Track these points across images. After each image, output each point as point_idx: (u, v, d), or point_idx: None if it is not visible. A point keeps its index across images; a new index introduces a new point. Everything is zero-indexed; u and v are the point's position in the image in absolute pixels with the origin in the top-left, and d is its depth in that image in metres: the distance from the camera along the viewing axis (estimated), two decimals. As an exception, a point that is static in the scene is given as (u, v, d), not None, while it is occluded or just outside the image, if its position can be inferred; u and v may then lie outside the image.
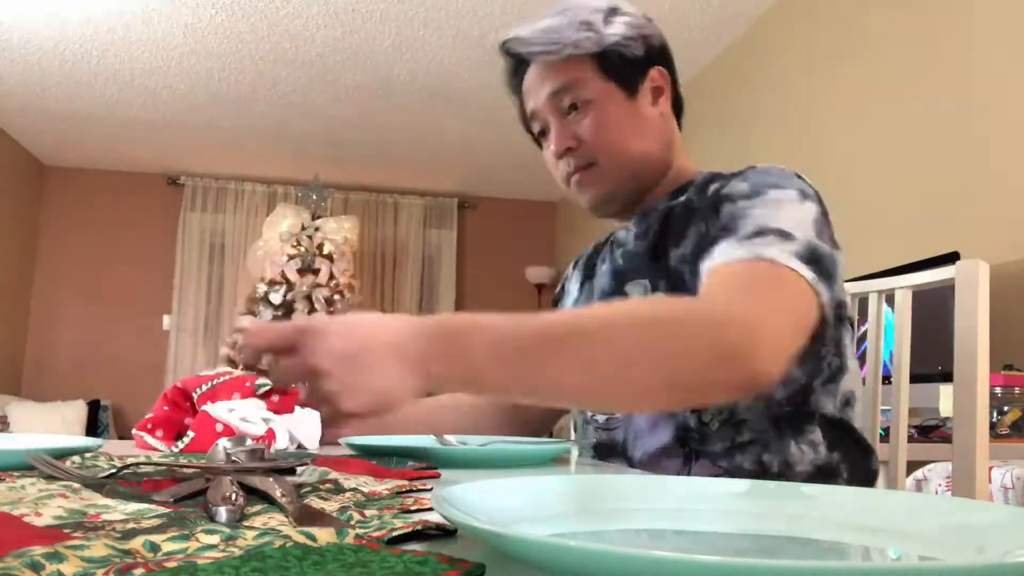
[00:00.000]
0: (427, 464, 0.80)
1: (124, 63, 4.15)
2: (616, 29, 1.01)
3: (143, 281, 5.85)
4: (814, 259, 0.82)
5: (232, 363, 4.83)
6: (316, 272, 5.04)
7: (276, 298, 4.90)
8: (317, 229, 5.22)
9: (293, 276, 4.98)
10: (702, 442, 0.94)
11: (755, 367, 0.70)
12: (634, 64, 1.02)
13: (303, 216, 5.27)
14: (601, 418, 1.03)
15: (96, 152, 5.56)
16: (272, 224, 5.28)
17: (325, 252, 5.13)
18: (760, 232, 0.82)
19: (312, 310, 4.88)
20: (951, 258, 2.00)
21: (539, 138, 1.09)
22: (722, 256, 0.83)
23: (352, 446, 0.95)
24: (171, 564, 0.31)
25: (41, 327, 5.72)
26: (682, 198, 1.01)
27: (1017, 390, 1.82)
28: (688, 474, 0.92)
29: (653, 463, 0.95)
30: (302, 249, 5.10)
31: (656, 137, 1.04)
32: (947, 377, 1.10)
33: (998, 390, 1.80)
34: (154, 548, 0.35)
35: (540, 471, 0.83)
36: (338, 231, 5.25)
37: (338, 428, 0.95)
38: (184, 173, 5.93)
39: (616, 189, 1.03)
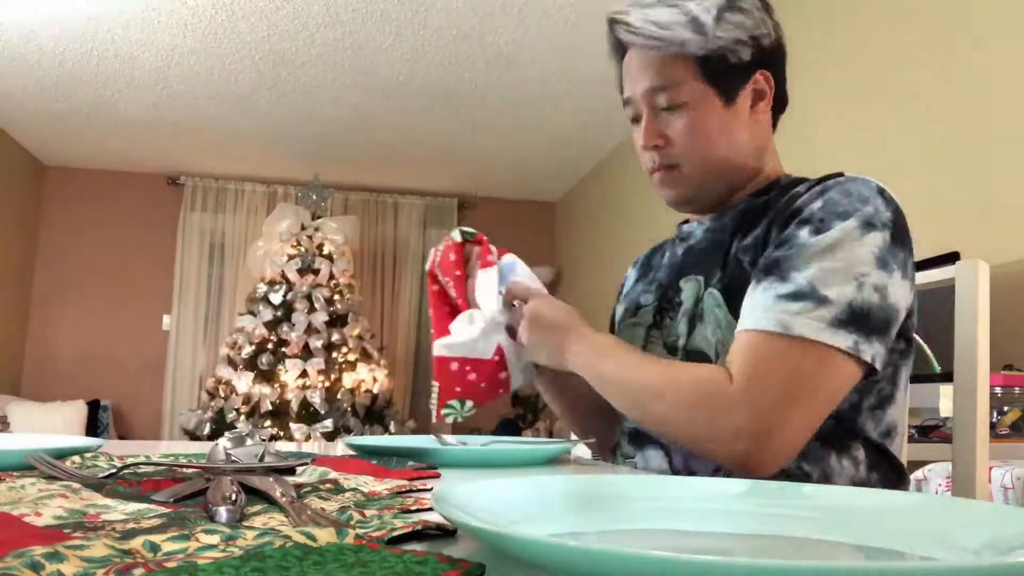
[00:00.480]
0: (427, 464, 0.80)
1: (124, 63, 4.15)
2: (726, 32, 0.97)
3: (143, 281, 5.85)
4: (856, 319, 0.81)
5: (232, 363, 4.84)
6: (316, 272, 5.04)
7: (276, 298, 4.90)
8: (317, 229, 5.22)
9: (293, 276, 4.98)
10: None
11: (755, 473, 0.81)
12: (738, 69, 0.99)
13: (303, 216, 5.27)
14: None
15: (96, 152, 5.56)
16: (272, 224, 5.28)
17: (325, 252, 5.13)
18: (797, 296, 0.82)
19: (312, 310, 4.88)
20: (951, 258, 2.00)
21: (632, 121, 1.07)
22: (754, 316, 0.84)
23: (352, 446, 0.95)
24: (171, 564, 0.31)
25: (41, 327, 5.72)
26: (764, 197, 1.00)
27: (1017, 390, 1.82)
28: (726, 475, 0.91)
29: (692, 457, 0.94)
30: (302, 249, 5.10)
31: (748, 144, 1.01)
32: (947, 377, 1.10)
33: (998, 390, 1.80)
34: (154, 548, 0.35)
35: (540, 471, 0.83)
36: (338, 231, 5.25)
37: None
38: (184, 173, 5.93)
39: (697, 194, 1.02)
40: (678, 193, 1.03)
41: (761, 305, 0.84)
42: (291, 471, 0.67)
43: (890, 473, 0.95)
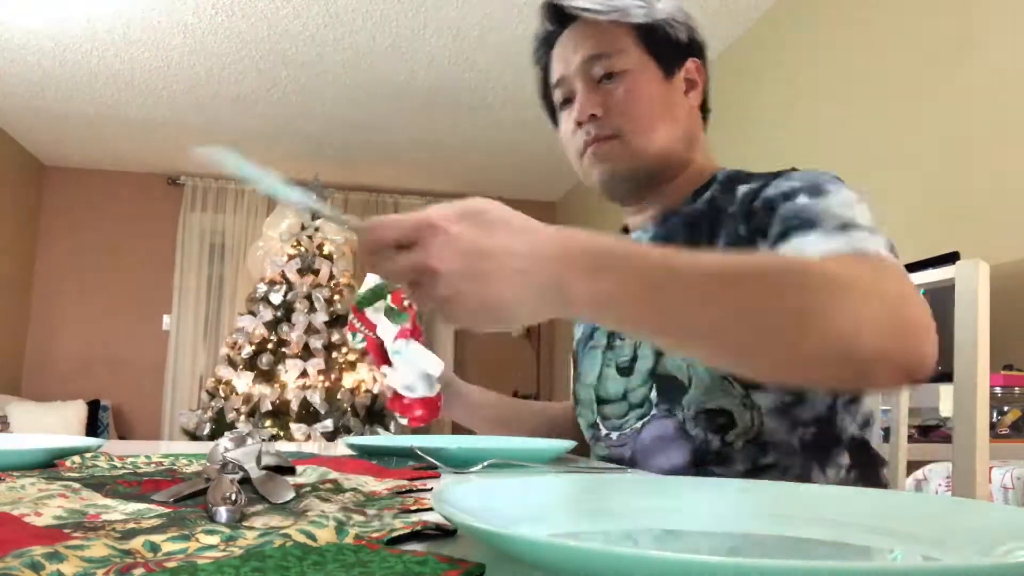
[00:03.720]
0: (427, 464, 0.80)
1: (124, 63, 4.15)
2: (666, 7, 0.99)
3: (143, 281, 5.84)
4: (892, 248, 0.78)
5: (232, 363, 4.84)
6: (316, 272, 5.04)
7: (276, 298, 4.90)
8: (317, 229, 5.22)
9: (293, 276, 4.97)
10: (722, 463, 0.90)
11: (926, 349, 0.64)
12: (676, 46, 1.00)
13: (303, 216, 5.27)
14: (614, 435, 1.00)
15: (96, 152, 5.56)
16: (272, 224, 5.28)
17: (325, 252, 5.13)
18: (846, 226, 0.77)
19: (312, 310, 4.88)
20: (951, 258, 2.00)
21: (559, 109, 1.05)
22: (815, 248, 0.75)
23: (352, 446, 0.95)
24: (171, 564, 0.31)
25: (41, 327, 5.72)
26: (705, 196, 0.98)
27: (1017, 390, 1.82)
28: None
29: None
30: (302, 249, 5.10)
31: (683, 126, 1.00)
32: (947, 377, 1.10)
33: (998, 390, 1.80)
34: (154, 548, 0.35)
35: (540, 471, 0.83)
36: (338, 231, 5.25)
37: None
38: (184, 173, 5.93)
39: (632, 169, 0.98)
40: (613, 167, 0.98)
41: (815, 243, 0.77)
42: (291, 471, 0.67)
43: (869, 468, 0.95)
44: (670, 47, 0.99)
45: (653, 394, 0.95)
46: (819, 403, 0.90)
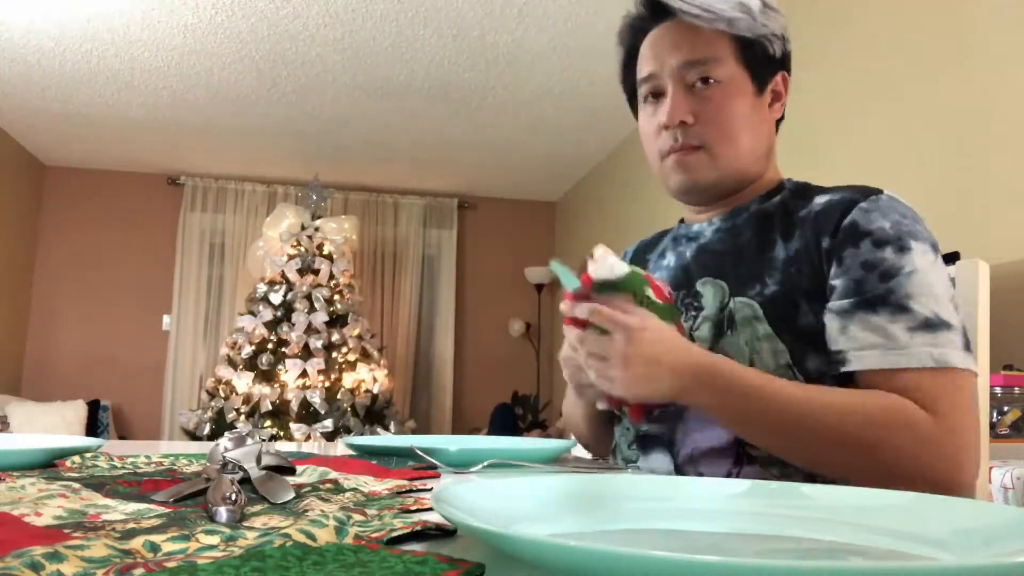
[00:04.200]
0: (427, 464, 0.80)
1: (124, 63, 4.15)
2: (769, 21, 0.98)
3: (143, 281, 5.85)
4: (968, 342, 0.85)
5: (232, 363, 4.84)
6: (316, 272, 5.04)
7: (276, 298, 4.90)
8: (317, 229, 5.22)
9: (293, 276, 4.98)
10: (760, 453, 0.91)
11: (956, 492, 0.78)
12: (771, 62, 0.99)
13: (303, 216, 5.27)
14: (655, 411, 0.98)
15: (96, 152, 5.56)
16: (272, 224, 5.28)
17: (325, 252, 5.13)
18: (929, 325, 0.83)
19: (312, 310, 4.88)
20: (951, 258, 2.00)
21: (642, 102, 1.02)
22: (896, 352, 0.83)
23: (352, 446, 0.95)
24: (171, 564, 0.31)
25: (41, 327, 5.72)
26: (775, 199, 0.99)
27: (1017, 390, 1.82)
28: (737, 476, 0.89)
29: (701, 461, 0.92)
30: (302, 249, 5.10)
31: (766, 141, 1.01)
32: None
33: (998, 390, 1.80)
34: (154, 548, 0.35)
35: (540, 471, 0.83)
36: (338, 231, 5.25)
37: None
38: (184, 173, 5.93)
39: (715, 182, 0.98)
40: (695, 178, 0.98)
41: (897, 340, 0.84)
42: (291, 471, 0.67)
43: None
44: (766, 62, 0.99)
45: None
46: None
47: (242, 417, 4.58)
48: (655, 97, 1.00)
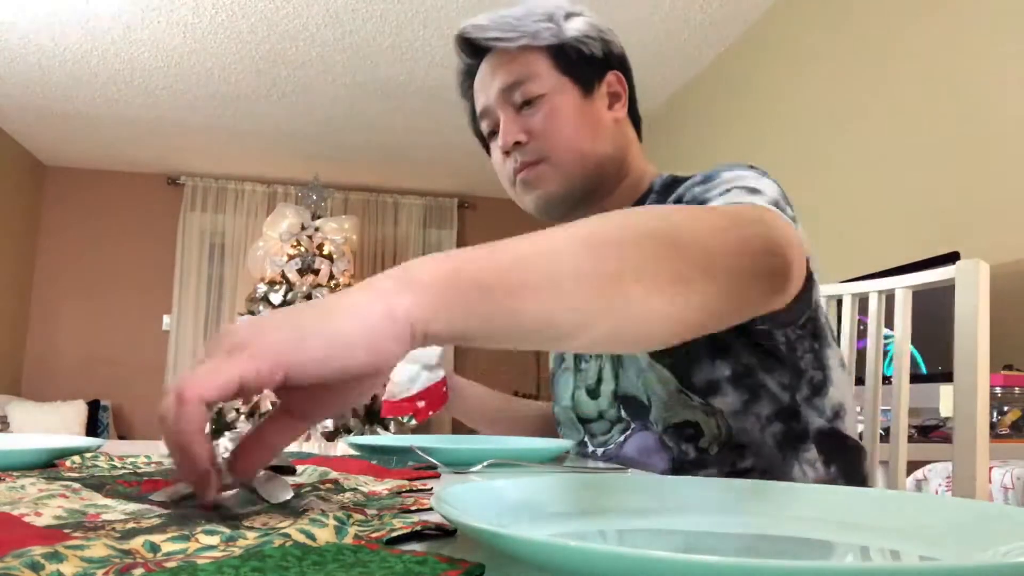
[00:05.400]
0: (427, 464, 0.80)
1: (124, 63, 4.15)
2: (576, 25, 0.98)
3: (143, 281, 5.85)
4: (782, 208, 0.77)
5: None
6: (316, 272, 5.04)
7: (276, 298, 4.90)
8: (317, 229, 5.22)
9: (293, 276, 4.98)
10: (700, 470, 0.91)
11: (791, 255, 0.65)
12: (591, 63, 0.99)
13: (303, 216, 5.27)
14: (600, 451, 1.01)
15: (96, 152, 5.56)
16: (272, 224, 5.28)
17: (325, 252, 5.13)
18: (727, 191, 0.79)
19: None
20: (951, 258, 2.00)
21: (489, 139, 1.05)
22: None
23: (353, 446, 0.95)
24: (171, 564, 0.31)
25: (41, 327, 5.72)
26: (645, 201, 0.99)
27: (1017, 390, 1.82)
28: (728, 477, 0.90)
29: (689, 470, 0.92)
30: (302, 249, 5.10)
31: (611, 141, 0.99)
32: (947, 377, 1.10)
33: (998, 390, 1.80)
34: (154, 548, 0.35)
35: (540, 471, 0.83)
36: (338, 231, 5.25)
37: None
38: (184, 173, 5.94)
39: (565, 190, 0.97)
40: (546, 192, 0.97)
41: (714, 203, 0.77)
42: (291, 471, 0.67)
43: (847, 459, 0.94)
44: (585, 64, 0.99)
45: (623, 413, 0.96)
46: (777, 398, 0.89)
47: (242, 417, 4.58)
48: (494, 134, 1.02)
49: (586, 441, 1.04)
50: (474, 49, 1.02)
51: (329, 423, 4.55)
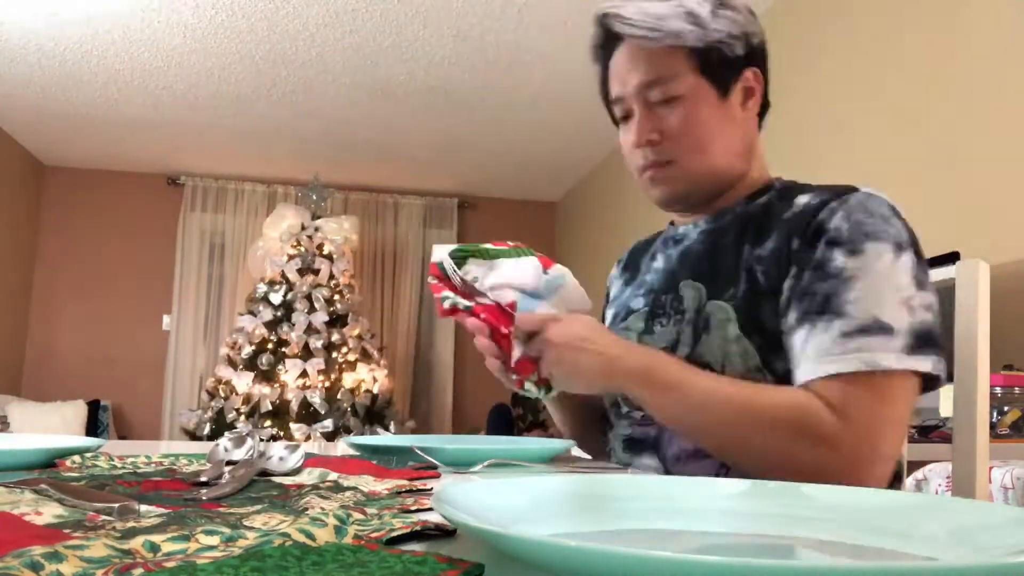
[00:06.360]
0: (427, 464, 0.80)
1: (124, 63, 4.15)
2: (721, 25, 0.97)
3: (143, 281, 5.84)
4: (924, 342, 0.83)
5: (232, 363, 4.84)
6: (316, 272, 5.04)
7: (276, 298, 4.90)
8: (317, 229, 5.22)
9: (293, 276, 4.97)
10: None
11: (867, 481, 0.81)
12: (732, 64, 0.98)
13: (303, 216, 5.27)
14: (637, 413, 1.00)
15: (96, 152, 5.56)
16: (272, 224, 5.28)
17: (325, 252, 5.13)
18: (864, 329, 0.83)
19: (312, 310, 4.88)
20: (951, 258, 2.00)
21: (619, 121, 1.05)
22: (830, 359, 0.84)
23: (353, 446, 0.95)
24: (171, 564, 0.31)
25: (41, 327, 5.72)
26: (761, 200, 1.00)
27: (1017, 390, 1.82)
28: (725, 476, 0.91)
29: (687, 463, 0.94)
30: (302, 249, 5.10)
31: (740, 142, 1.01)
32: (947, 377, 1.10)
33: (998, 390, 1.80)
34: (154, 548, 0.35)
35: (540, 471, 0.83)
36: (338, 231, 5.25)
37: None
38: (184, 173, 5.93)
39: (691, 190, 1.00)
40: (671, 190, 1.01)
41: (829, 347, 0.84)
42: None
43: None
44: (725, 66, 0.98)
45: None
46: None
47: (242, 417, 4.58)
48: (626, 118, 1.03)
49: (619, 401, 1.04)
50: (613, 33, 1.01)
51: (329, 423, 4.55)
